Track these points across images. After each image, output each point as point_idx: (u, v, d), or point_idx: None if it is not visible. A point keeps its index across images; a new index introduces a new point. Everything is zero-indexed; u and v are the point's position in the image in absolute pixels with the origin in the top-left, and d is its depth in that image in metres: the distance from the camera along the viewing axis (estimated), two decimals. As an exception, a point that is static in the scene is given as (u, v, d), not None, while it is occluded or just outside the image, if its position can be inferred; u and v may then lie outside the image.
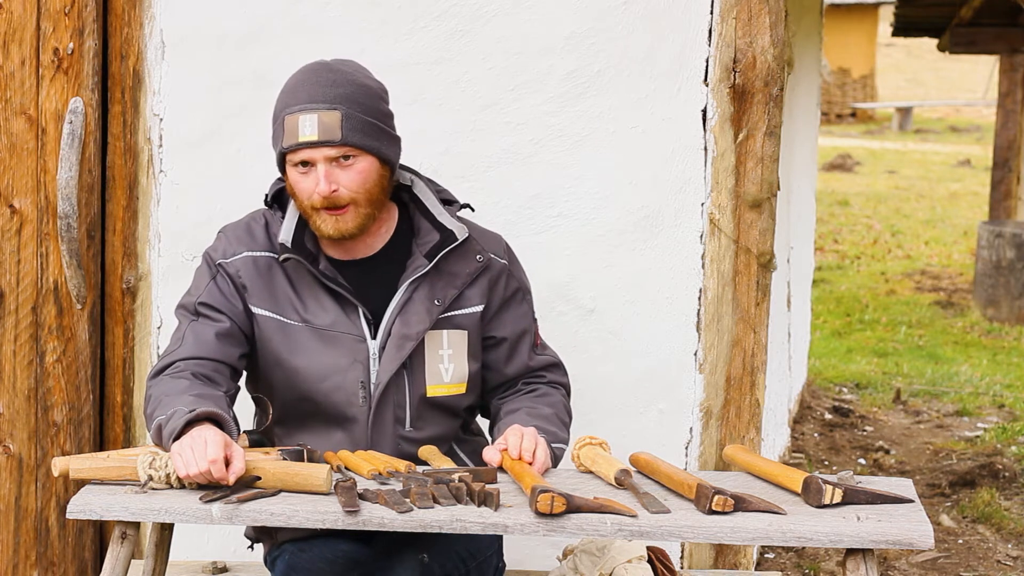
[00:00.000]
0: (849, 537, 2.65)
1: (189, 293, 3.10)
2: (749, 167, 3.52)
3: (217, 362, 3.00)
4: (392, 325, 3.04)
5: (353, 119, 2.96)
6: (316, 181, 2.95)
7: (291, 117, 2.96)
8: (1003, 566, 5.07)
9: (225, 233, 3.14)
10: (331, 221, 2.97)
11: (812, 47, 7.22)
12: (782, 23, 3.49)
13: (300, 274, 3.05)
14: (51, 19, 3.60)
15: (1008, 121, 11.84)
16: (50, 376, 3.69)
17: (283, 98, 3.02)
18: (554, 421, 3.07)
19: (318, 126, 2.93)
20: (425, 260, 3.06)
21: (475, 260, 3.10)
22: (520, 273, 3.20)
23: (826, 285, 11.60)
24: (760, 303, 3.56)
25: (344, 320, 3.03)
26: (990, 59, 20.39)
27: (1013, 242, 10.10)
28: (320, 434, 3.06)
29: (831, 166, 19.61)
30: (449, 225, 3.08)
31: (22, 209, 3.65)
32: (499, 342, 3.15)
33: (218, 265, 3.07)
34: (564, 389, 3.21)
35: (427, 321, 3.04)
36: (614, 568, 3.02)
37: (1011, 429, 7.03)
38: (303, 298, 3.04)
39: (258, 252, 3.07)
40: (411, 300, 3.05)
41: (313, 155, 2.95)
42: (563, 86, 3.58)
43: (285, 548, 3.03)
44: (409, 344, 3.03)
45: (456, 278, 3.08)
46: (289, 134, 2.96)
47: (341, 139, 2.94)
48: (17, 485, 3.73)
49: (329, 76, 3.00)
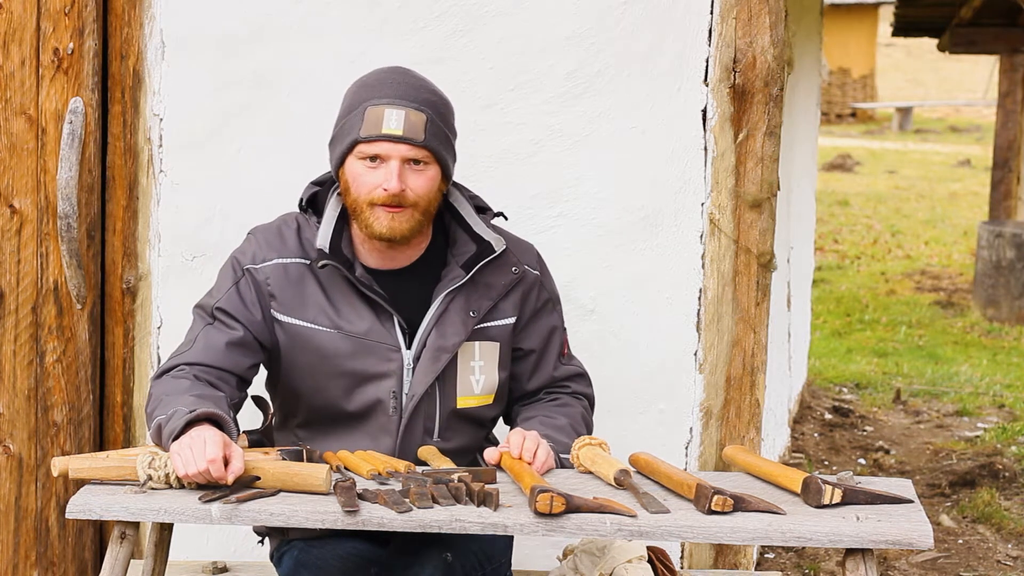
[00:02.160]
0: (849, 537, 2.65)
1: (210, 294, 3.07)
2: (749, 167, 3.52)
3: (223, 371, 2.97)
4: (428, 336, 3.01)
5: (435, 125, 2.95)
6: (385, 176, 2.92)
7: (375, 108, 2.93)
8: (1003, 566, 5.07)
9: (256, 236, 3.09)
10: (387, 219, 2.93)
11: (812, 47, 7.22)
12: (782, 23, 3.49)
13: (335, 281, 3.01)
14: (51, 19, 3.60)
15: (1008, 121, 11.84)
16: (50, 376, 3.69)
17: (363, 91, 2.98)
18: (567, 431, 3.05)
19: (404, 122, 2.91)
20: (462, 271, 3.03)
21: (511, 272, 3.08)
22: (551, 283, 3.19)
23: (826, 285, 11.60)
24: (760, 303, 3.56)
25: (379, 329, 3.00)
26: (990, 59, 20.39)
27: (1013, 242, 10.10)
28: (346, 441, 3.03)
29: (831, 166, 19.61)
30: (486, 236, 3.06)
31: (22, 209, 3.65)
32: (527, 354, 3.13)
33: (245, 270, 3.03)
34: (587, 400, 3.19)
35: (463, 333, 3.02)
36: (614, 568, 3.02)
37: (1011, 429, 7.03)
38: (337, 305, 3.00)
39: (289, 259, 3.03)
40: (447, 311, 3.02)
41: (391, 150, 2.92)
42: (563, 86, 3.58)
43: (294, 544, 3.01)
44: (445, 356, 3.01)
45: (491, 289, 3.06)
46: (370, 124, 2.92)
47: (423, 141, 2.93)
48: (17, 485, 3.73)
49: (416, 80, 2.99)
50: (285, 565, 3.01)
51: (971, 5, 10.03)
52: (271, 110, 3.62)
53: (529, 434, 2.94)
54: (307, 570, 2.95)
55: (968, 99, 27.62)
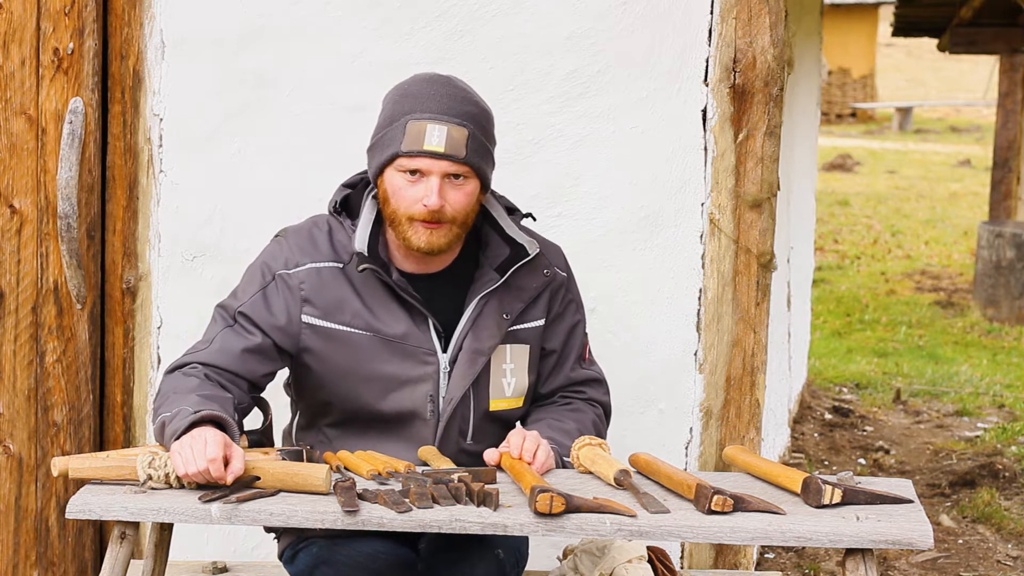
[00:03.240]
0: (849, 537, 2.65)
1: (234, 295, 3.04)
2: (749, 167, 3.52)
3: (235, 375, 2.96)
4: (464, 339, 3.01)
5: (476, 140, 2.93)
6: (425, 192, 2.90)
7: (417, 123, 2.90)
8: (1003, 566, 5.07)
9: (287, 239, 3.06)
10: (425, 234, 2.92)
11: (812, 47, 7.22)
12: (782, 23, 3.49)
13: (370, 284, 3.00)
14: (51, 19, 3.60)
15: (1008, 121, 11.84)
16: (50, 376, 3.69)
17: (406, 102, 2.95)
18: (573, 436, 3.03)
19: (446, 139, 2.89)
20: (496, 274, 3.03)
21: (542, 275, 3.08)
22: (575, 286, 3.18)
23: (826, 285, 11.60)
24: (760, 303, 3.56)
25: (416, 332, 2.99)
26: (990, 59, 20.40)
27: (1013, 242, 10.10)
28: (380, 443, 3.02)
29: (831, 166, 19.61)
30: (519, 239, 3.05)
31: (22, 209, 3.65)
32: (548, 354, 3.13)
33: (277, 275, 3.00)
34: (602, 408, 3.18)
35: (497, 336, 3.01)
36: (614, 568, 3.02)
37: (1011, 429, 7.03)
38: (372, 308, 2.99)
39: (322, 263, 3.01)
40: (482, 314, 3.02)
41: (432, 166, 2.90)
42: (563, 86, 3.58)
43: (314, 542, 2.94)
44: (481, 359, 3.00)
45: (524, 292, 3.05)
46: (412, 139, 2.90)
47: (465, 158, 2.91)
48: (17, 485, 3.73)
49: (458, 92, 2.96)
50: (301, 562, 2.95)
51: (971, 5, 10.03)
52: (271, 110, 3.62)
53: (529, 434, 2.94)
54: (329, 568, 2.89)
55: (968, 99, 27.61)
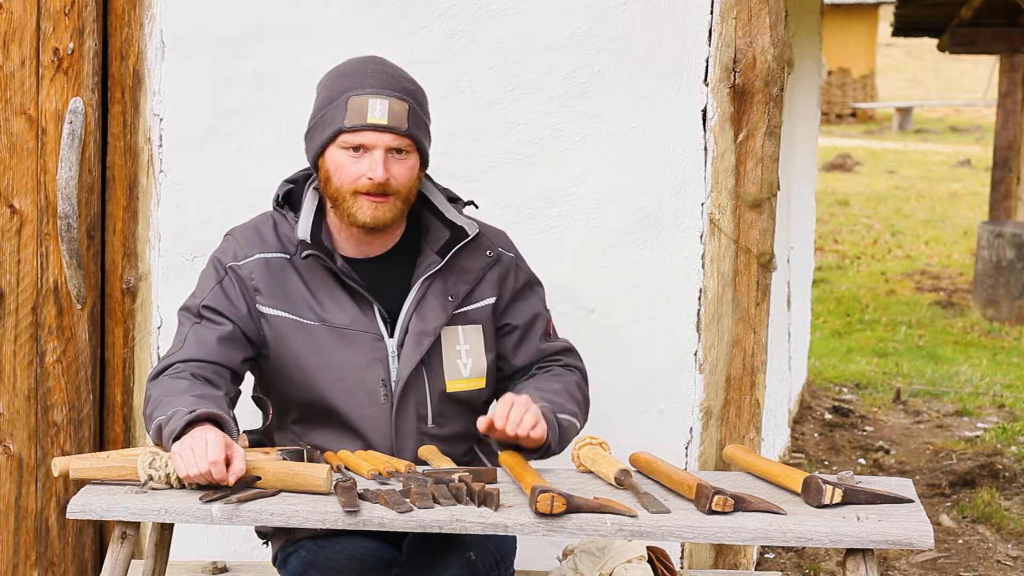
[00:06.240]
0: (849, 537, 2.65)
1: (193, 295, 3.08)
2: (749, 167, 3.52)
3: (218, 365, 2.99)
4: (409, 322, 3.04)
5: (416, 114, 2.99)
6: (369, 166, 2.95)
7: (359, 98, 2.96)
8: (1003, 566, 5.07)
9: (233, 236, 3.12)
10: (370, 209, 2.97)
11: (812, 47, 7.22)
12: (782, 23, 3.49)
13: (315, 273, 3.05)
14: (51, 19, 3.60)
15: (1008, 121, 11.84)
16: (50, 376, 3.69)
17: (344, 81, 3.00)
18: (562, 394, 3.06)
19: (388, 112, 2.95)
20: (437, 257, 3.07)
21: (485, 255, 3.12)
22: (527, 266, 3.22)
23: (826, 285, 11.60)
24: (760, 303, 3.56)
25: (362, 318, 3.03)
26: (990, 59, 20.39)
27: (1013, 242, 10.10)
28: (341, 433, 3.05)
29: (831, 166, 19.60)
30: (459, 222, 3.10)
31: (22, 209, 3.65)
32: (512, 329, 3.15)
33: (228, 268, 3.05)
34: (579, 373, 3.19)
35: (443, 317, 3.05)
36: (614, 568, 3.02)
37: (1011, 429, 7.03)
38: (319, 297, 3.04)
39: (270, 254, 3.06)
40: (425, 297, 3.06)
41: (376, 140, 2.95)
42: (563, 86, 3.58)
43: (302, 544, 2.99)
44: (427, 340, 3.03)
45: (467, 273, 3.09)
46: (354, 114, 2.95)
47: (407, 130, 2.97)
48: (17, 485, 3.73)
49: (394, 69, 3.03)
50: (292, 566, 3.00)
51: (971, 5, 10.03)
52: (271, 110, 3.62)
53: (518, 399, 2.92)
54: (317, 570, 2.94)
55: (968, 99, 27.61)
